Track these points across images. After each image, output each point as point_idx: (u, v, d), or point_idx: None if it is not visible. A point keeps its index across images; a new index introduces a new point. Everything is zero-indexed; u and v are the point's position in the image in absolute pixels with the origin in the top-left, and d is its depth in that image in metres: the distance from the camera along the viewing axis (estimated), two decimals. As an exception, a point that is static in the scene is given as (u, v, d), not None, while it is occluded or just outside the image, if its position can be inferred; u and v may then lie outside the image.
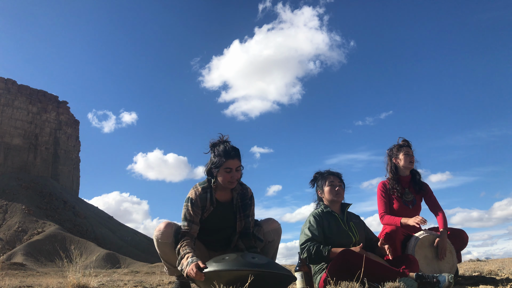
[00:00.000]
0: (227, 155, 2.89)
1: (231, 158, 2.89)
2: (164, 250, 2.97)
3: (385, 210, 3.71)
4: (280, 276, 2.59)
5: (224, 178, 2.92)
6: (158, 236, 2.95)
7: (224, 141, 2.99)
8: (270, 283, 2.56)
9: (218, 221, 3.03)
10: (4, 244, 67.97)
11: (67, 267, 4.29)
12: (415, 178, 3.88)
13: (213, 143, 3.01)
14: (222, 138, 3.00)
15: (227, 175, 2.91)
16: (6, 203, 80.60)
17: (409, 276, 2.75)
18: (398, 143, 3.96)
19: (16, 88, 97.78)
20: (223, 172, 2.90)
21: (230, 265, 2.49)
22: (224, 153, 2.89)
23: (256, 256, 2.63)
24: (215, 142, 3.01)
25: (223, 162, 2.88)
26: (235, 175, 2.92)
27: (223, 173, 2.91)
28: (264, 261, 2.59)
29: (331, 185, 3.33)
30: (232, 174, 2.91)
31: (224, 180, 2.92)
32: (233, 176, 2.91)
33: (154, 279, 10.12)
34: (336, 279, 2.77)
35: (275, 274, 2.55)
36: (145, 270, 43.45)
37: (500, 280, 3.34)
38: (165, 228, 2.95)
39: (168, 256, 2.97)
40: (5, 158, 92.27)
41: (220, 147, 2.94)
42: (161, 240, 2.94)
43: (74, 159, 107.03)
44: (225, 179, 2.91)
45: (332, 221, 3.24)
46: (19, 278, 20.90)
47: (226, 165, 2.89)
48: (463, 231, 3.67)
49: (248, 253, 2.70)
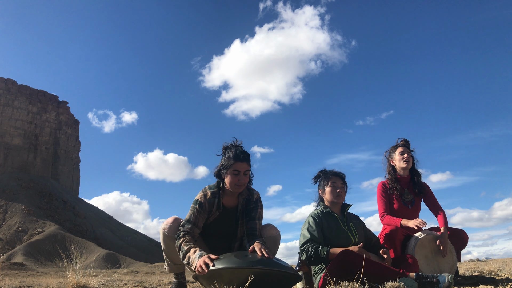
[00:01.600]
0: (236, 157, 2.92)
1: (239, 161, 2.92)
2: (169, 244, 3.00)
3: (385, 210, 3.71)
4: (287, 275, 2.63)
5: (231, 181, 2.93)
6: (166, 229, 2.99)
7: (236, 145, 3.03)
8: (278, 281, 2.60)
9: (220, 227, 3.05)
10: (4, 244, 67.97)
11: (67, 267, 4.29)
12: (414, 179, 3.87)
13: (226, 146, 3.04)
14: (236, 142, 3.04)
15: (234, 178, 2.92)
16: (6, 203, 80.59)
17: (409, 276, 2.76)
18: (395, 144, 3.95)
19: (16, 88, 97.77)
20: (231, 174, 2.93)
21: (239, 263, 2.51)
22: (233, 156, 2.93)
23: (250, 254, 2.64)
24: (227, 145, 3.04)
25: (232, 164, 2.91)
26: (242, 179, 2.94)
27: (231, 176, 2.93)
28: (256, 258, 2.59)
29: (332, 186, 3.33)
30: (240, 177, 2.93)
31: (232, 182, 2.93)
32: (240, 179, 2.93)
33: (154, 279, 10.12)
34: (336, 279, 2.77)
35: (284, 273, 2.59)
36: (145, 270, 43.46)
37: (500, 280, 3.35)
38: (173, 222, 3.00)
39: (172, 251, 2.99)
40: (5, 158, 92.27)
41: (232, 150, 2.98)
42: (168, 233, 2.98)
43: (74, 159, 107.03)
44: (233, 181, 2.93)
45: (332, 222, 3.24)
46: (19, 278, 20.90)
47: (235, 167, 2.91)
48: (463, 231, 3.68)
49: (245, 252, 2.70)
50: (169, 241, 2.99)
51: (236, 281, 2.45)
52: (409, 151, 3.87)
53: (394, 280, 2.68)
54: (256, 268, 2.47)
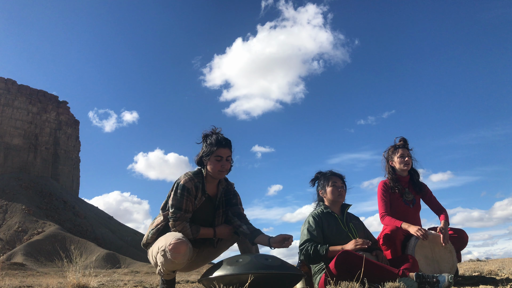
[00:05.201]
0: (219, 143, 2.95)
1: (222, 147, 2.94)
2: (169, 270, 2.82)
3: (386, 210, 3.69)
4: (293, 276, 2.68)
5: (214, 167, 2.94)
6: (175, 257, 2.68)
7: (216, 132, 3.05)
8: (284, 283, 2.65)
9: (202, 214, 3.02)
10: (4, 244, 67.96)
11: (67, 267, 4.29)
12: (414, 178, 3.87)
13: (206, 133, 3.06)
14: (215, 130, 3.06)
15: (217, 164, 2.94)
16: (6, 203, 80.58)
17: (409, 276, 2.76)
18: (393, 144, 3.94)
19: (16, 88, 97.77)
20: (213, 160, 2.94)
21: (246, 268, 2.54)
22: (215, 142, 2.95)
23: (269, 258, 2.68)
24: (207, 133, 3.06)
25: (214, 150, 2.93)
26: (225, 164, 2.95)
27: (214, 162, 2.94)
28: (278, 262, 2.65)
29: (333, 186, 3.34)
30: (222, 163, 2.94)
31: (214, 168, 2.95)
32: (223, 165, 2.95)
33: (154, 279, 10.12)
34: (336, 279, 2.78)
35: (290, 274, 2.64)
36: (145, 270, 43.47)
37: (500, 280, 3.35)
38: (185, 252, 2.71)
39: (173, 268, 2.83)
40: (5, 158, 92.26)
41: (213, 137, 3.00)
42: (178, 261, 2.70)
43: (74, 159, 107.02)
44: (215, 167, 2.94)
45: (332, 222, 3.25)
46: (19, 278, 20.91)
47: (217, 153, 2.93)
48: (463, 231, 3.67)
49: (260, 255, 2.73)
50: (176, 267, 2.78)
51: (243, 284, 2.48)
52: (409, 152, 3.86)
53: (394, 280, 2.69)
54: (261, 272, 2.51)
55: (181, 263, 2.76)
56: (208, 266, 2.96)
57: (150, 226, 3.07)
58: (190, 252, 2.77)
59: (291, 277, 2.68)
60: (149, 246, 3.01)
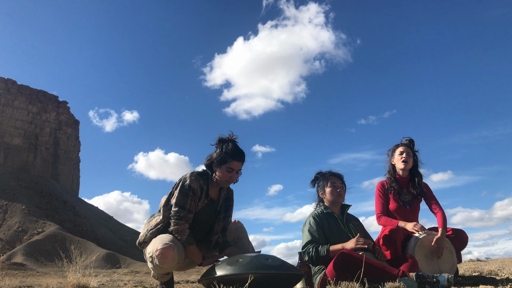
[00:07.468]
0: (236, 156, 2.90)
1: (237, 160, 2.90)
2: (161, 273, 2.91)
3: (382, 211, 3.67)
4: (293, 276, 2.69)
5: (223, 176, 2.91)
6: (163, 263, 2.69)
7: (233, 140, 2.99)
8: (284, 283, 2.65)
9: (204, 217, 3.01)
10: (4, 244, 67.96)
11: (67, 267, 4.29)
12: (414, 179, 3.79)
13: (222, 138, 2.99)
14: (231, 137, 3.00)
15: (227, 174, 2.91)
16: (6, 203, 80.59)
17: (409, 276, 2.76)
18: (399, 143, 3.92)
19: (16, 88, 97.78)
20: (224, 170, 2.90)
21: (246, 268, 2.54)
22: (233, 153, 2.90)
23: (269, 258, 2.68)
24: (224, 138, 2.99)
25: (229, 160, 2.89)
26: (234, 177, 2.94)
27: (224, 171, 2.90)
28: (278, 262, 2.65)
29: (332, 186, 3.33)
30: (232, 175, 2.92)
31: (222, 178, 2.92)
32: (232, 177, 2.92)
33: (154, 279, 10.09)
34: (336, 279, 2.78)
35: (290, 274, 2.65)
36: (145, 270, 43.43)
37: (500, 280, 3.35)
38: (172, 257, 2.70)
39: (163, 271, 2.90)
40: (5, 158, 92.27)
41: (229, 145, 2.93)
42: (166, 266, 2.72)
43: (74, 159, 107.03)
44: (224, 177, 2.92)
45: (332, 222, 3.25)
46: (19, 278, 20.89)
47: (230, 165, 2.89)
48: (463, 231, 3.66)
49: (260, 255, 2.73)
50: (163, 272, 2.87)
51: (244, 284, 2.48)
52: (410, 151, 3.80)
53: (394, 280, 2.69)
54: (261, 272, 2.51)
55: (171, 267, 2.77)
56: (208, 266, 2.96)
57: (147, 225, 3.02)
58: (179, 255, 2.73)
59: (291, 277, 2.68)
60: (145, 246, 2.96)
